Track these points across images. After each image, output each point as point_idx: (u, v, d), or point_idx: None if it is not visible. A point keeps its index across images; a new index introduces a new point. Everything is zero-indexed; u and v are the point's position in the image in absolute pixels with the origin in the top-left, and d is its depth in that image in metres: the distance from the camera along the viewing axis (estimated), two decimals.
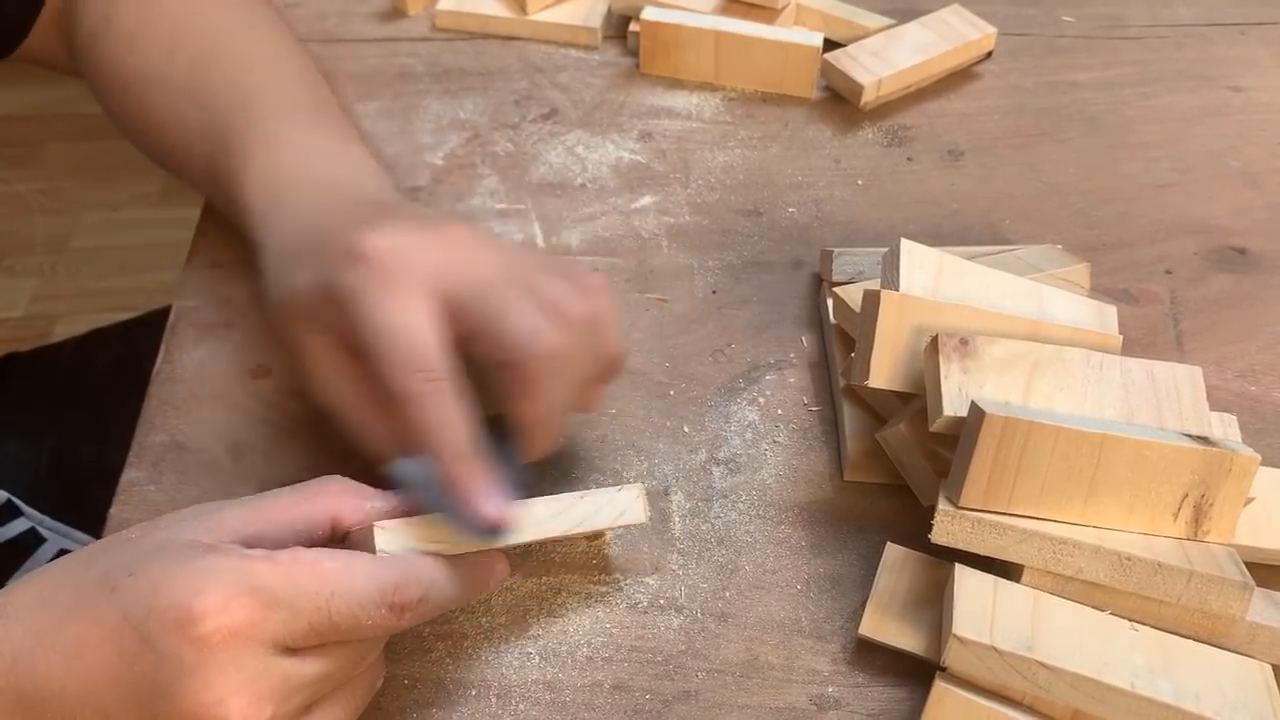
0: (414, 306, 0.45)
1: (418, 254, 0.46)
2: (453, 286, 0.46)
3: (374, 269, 0.45)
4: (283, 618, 0.39)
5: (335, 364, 0.48)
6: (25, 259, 1.88)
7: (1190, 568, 0.45)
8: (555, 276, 0.48)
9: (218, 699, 0.38)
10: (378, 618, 0.41)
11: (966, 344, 0.49)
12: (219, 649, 0.38)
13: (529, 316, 0.46)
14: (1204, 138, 0.77)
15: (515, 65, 0.80)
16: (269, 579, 0.39)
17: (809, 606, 0.51)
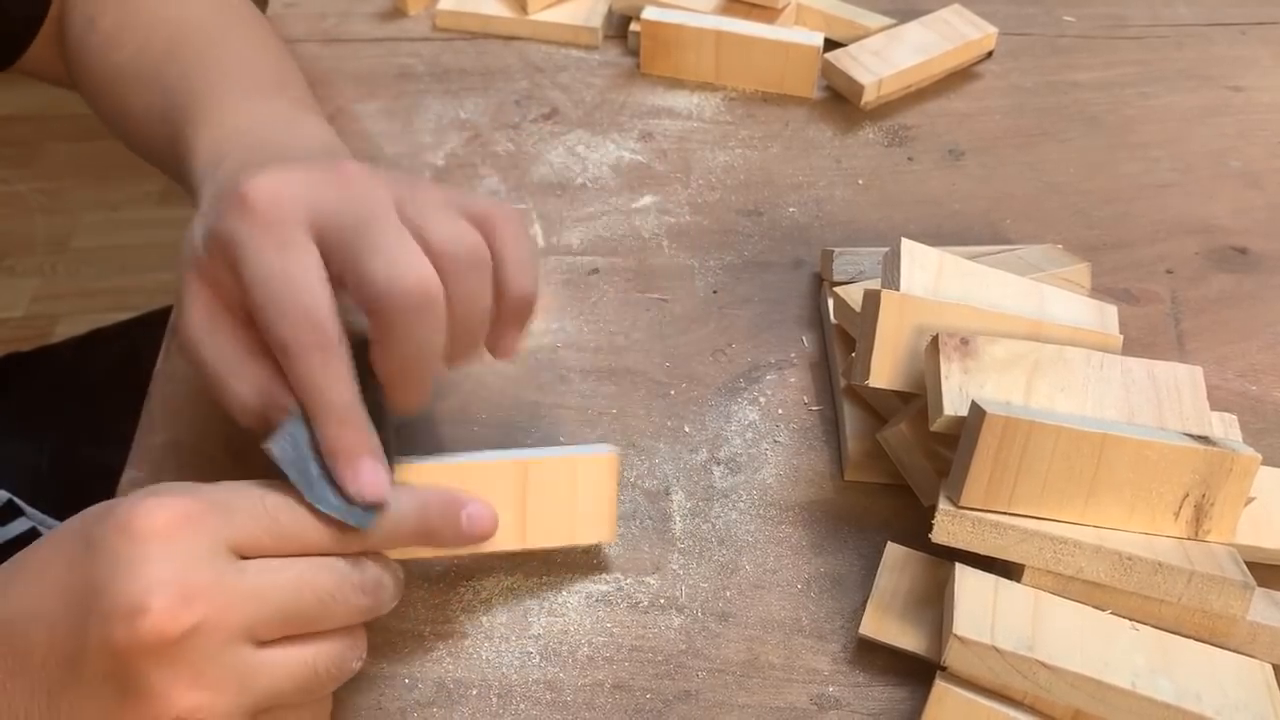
0: (296, 251, 0.42)
1: (299, 192, 0.43)
2: (326, 225, 0.42)
3: (254, 212, 0.42)
4: (222, 515, 0.39)
5: (211, 315, 0.44)
6: (26, 259, 1.88)
7: (1191, 567, 0.45)
8: (443, 210, 0.44)
9: (142, 588, 0.37)
10: (324, 536, 0.41)
11: (967, 344, 0.49)
12: (153, 540, 0.38)
13: (394, 255, 0.41)
14: (1205, 137, 0.77)
15: (516, 65, 0.80)
16: (211, 489, 0.41)
17: (810, 606, 0.51)
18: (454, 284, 0.43)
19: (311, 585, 0.41)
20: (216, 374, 0.44)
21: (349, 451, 0.42)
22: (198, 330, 0.44)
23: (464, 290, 0.43)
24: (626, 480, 0.56)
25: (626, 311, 0.64)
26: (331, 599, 0.41)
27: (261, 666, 0.39)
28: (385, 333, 0.42)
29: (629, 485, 0.55)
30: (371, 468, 0.42)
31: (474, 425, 0.57)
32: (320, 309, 0.41)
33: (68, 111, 2.08)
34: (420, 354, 0.43)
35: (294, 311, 0.41)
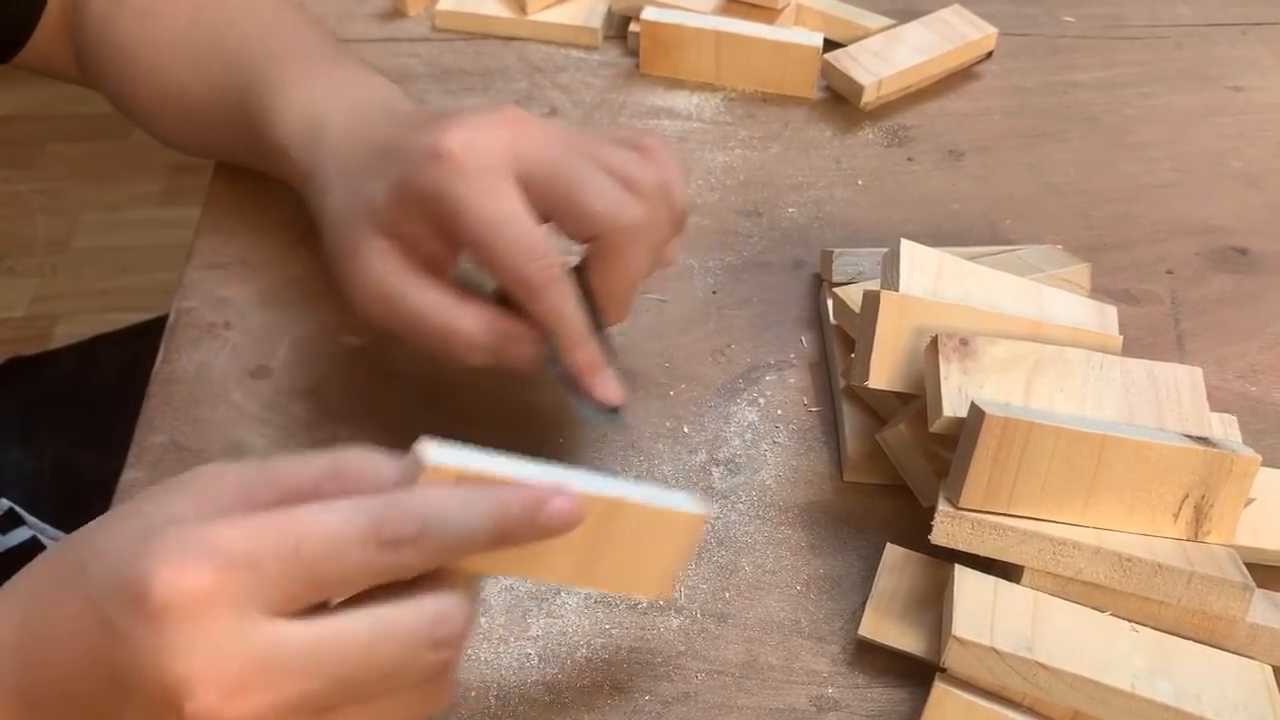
0: (509, 195, 0.47)
1: (493, 143, 0.47)
2: (530, 169, 0.48)
3: (462, 165, 0.46)
4: (245, 577, 0.34)
5: (406, 268, 0.49)
6: (26, 259, 1.88)
7: (1191, 569, 0.45)
8: (618, 147, 0.50)
9: (178, 681, 0.33)
10: (368, 556, 0.35)
11: (966, 344, 0.49)
12: (174, 622, 0.33)
13: (608, 191, 0.48)
14: (1205, 138, 0.77)
15: (515, 65, 0.80)
16: (227, 539, 0.34)
17: (809, 607, 0.51)
18: (650, 209, 0.49)
19: (369, 657, 0.35)
20: (438, 319, 0.48)
21: (594, 368, 0.49)
22: (400, 283, 0.48)
23: (657, 214, 0.50)
24: None
25: None
26: (399, 667, 0.36)
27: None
28: (609, 258, 0.49)
29: None
30: (611, 376, 0.49)
31: (473, 426, 0.57)
32: (549, 246, 0.47)
33: (68, 112, 2.08)
34: (635, 273, 0.50)
35: (531, 249, 0.46)
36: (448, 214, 0.47)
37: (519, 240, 0.46)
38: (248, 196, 0.68)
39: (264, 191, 0.67)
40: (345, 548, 0.35)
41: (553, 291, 0.47)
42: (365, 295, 0.50)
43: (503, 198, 0.47)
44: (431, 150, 0.47)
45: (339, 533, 0.35)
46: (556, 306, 0.47)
